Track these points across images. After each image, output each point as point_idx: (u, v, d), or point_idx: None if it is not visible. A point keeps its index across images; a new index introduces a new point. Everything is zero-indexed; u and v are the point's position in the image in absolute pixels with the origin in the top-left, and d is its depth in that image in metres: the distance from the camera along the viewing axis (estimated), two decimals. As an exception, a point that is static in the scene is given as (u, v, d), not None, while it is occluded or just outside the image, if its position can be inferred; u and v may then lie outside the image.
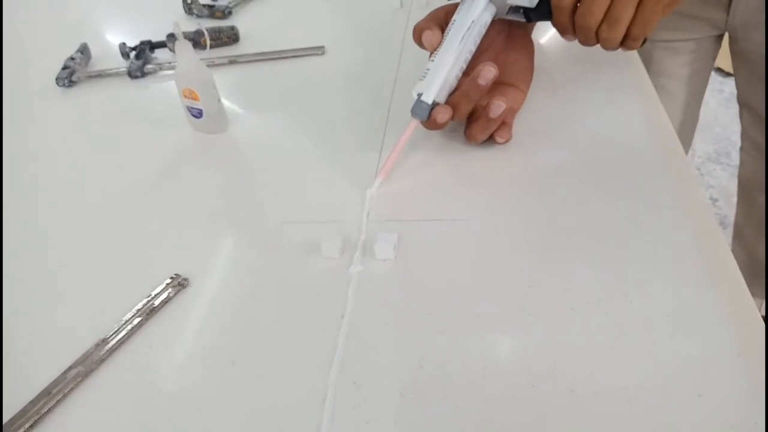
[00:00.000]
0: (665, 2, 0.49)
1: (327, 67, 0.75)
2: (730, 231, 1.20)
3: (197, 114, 0.62)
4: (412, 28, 0.56)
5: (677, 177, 0.50)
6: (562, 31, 0.55)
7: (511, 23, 0.59)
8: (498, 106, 0.53)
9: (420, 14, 0.83)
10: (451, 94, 0.55)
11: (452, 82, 0.54)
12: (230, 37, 0.82)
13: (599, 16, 0.50)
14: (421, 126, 0.55)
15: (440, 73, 0.53)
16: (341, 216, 0.51)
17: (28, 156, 0.66)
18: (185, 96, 0.62)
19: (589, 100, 0.61)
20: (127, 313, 0.44)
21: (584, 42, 0.54)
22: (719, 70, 1.91)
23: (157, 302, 0.45)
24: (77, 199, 0.59)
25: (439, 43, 0.54)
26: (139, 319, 0.43)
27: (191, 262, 0.48)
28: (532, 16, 0.55)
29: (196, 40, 0.80)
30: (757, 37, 0.83)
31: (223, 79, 0.74)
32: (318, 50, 0.77)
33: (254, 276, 0.47)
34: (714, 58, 0.96)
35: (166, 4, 0.95)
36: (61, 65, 0.79)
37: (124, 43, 0.82)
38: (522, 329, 0.40)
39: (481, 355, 0.39)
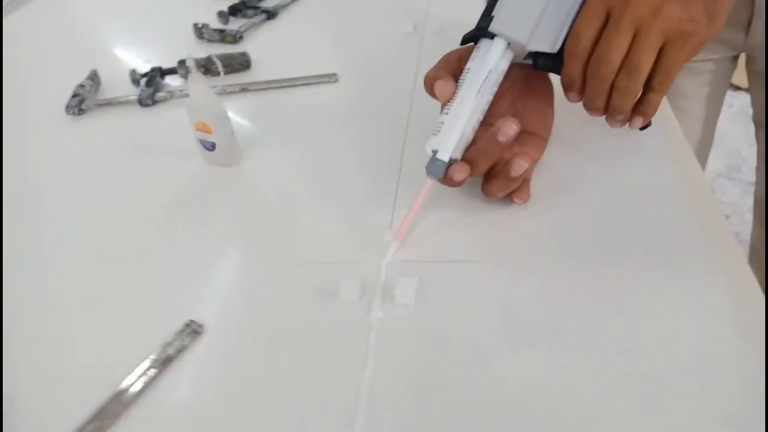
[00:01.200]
0: (689, 49, 0.45)
1: (340, 96, 0.74)
2: (742, 248, 1.18)
3: (210, 147, 0.61)
4: (424, 76, 0.53)
5: (706, 221, 0.49)
6: (568, 86, 0.49)
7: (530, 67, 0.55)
8: (520, 166, 0.49)
9: (433, 38, 0.83)
10: (468, 147, 0.51)
11: (469, 136, 0.51)
12: (242, 63, 0.81)
13: (616, 63, 0.45)
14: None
15: (456, 128, 0.49)
16: (359, 256, 0.50)
17: (36, 188, 0.65)
18: (198, 129, 0.61)
19: (611, 141, 0.59)
20: (142, 363, 0.43)
21: (593, 99, 0.48)
22: (729, 84, 1.89)
23: (172, 351, 0.43)
24: (86, 236, 0.57)
25: (453, 94, 0.50)
26: (155, 371, 0.42)
27: (205, 307, 0.47)
28: (542, 63, 0.51)
29: (207, 67, 0.79)
30: (776, 57, 0.82)
31: (235, 108, 0.74)
32: (331, 78, 0.76)
33: (270, 322, 0.46)
34: (730, 77, 0.95)
35: (177, 28, 0.94)
36: (70, 92, 0.78)
37: (134, 70, 0.81)
38: (551, 384, 0.39)
39: (510, 413, 0.38)
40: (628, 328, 0.41)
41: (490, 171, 0.52)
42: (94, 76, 0.82)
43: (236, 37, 0.89)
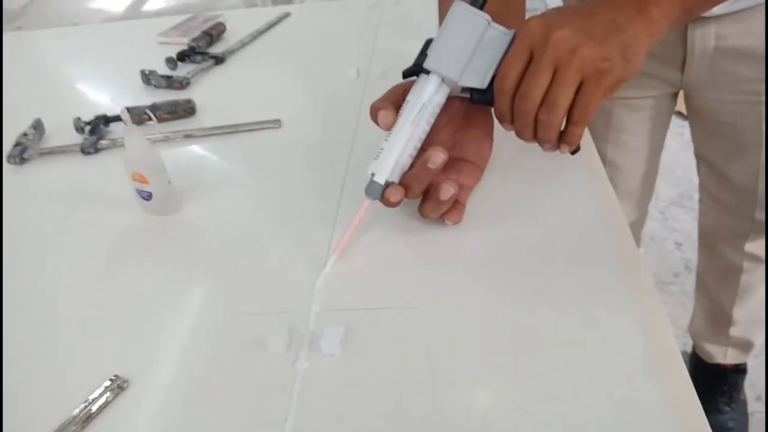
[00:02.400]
0: (606, 86, 0.49)
1: (282, 141, 0.74)
2: (695, 276, 1.21)
3: (147, 197, 0.62)
4: (370, 106, 0.56)
5: (625, 264, 0.50)
6: (501, 118, 0.54)
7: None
8: (447, 191, 0.52)
9: (376, 84, 0.84)
10: (406, 173, 0.55)
11: (405, 162, 0.55)
12: (186, 110, 0.81)
13: (537, 100, 0.49)
14: (377, 203, 0.55)
15: (392, 154, 0.54)
16: (290, 306, 0.50)
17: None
18: (134, 179, 0.61)
19: (542, 181, 0.61)
20: (63, 421, 0.42)
21: (521, 131, 0.53)
22: (679, 113, 1.95)
23: (94, 408, 0.43)
24: (18, 287, 0.57)
25: (393, 123, 0.55)
26: (74, 428, 0.42)
27: (132, 361, 0.47)
28: (477, 97, 0.54)
29: (151, 114, 0.80)
30: (710, 95, 0.86)
31: (178, 155, 0.74)
32: (274, 123, 0.77)
33: (196, 376, 0.46)
34: (671, 113, 0.99)
35: (125, 75, 0.95)
36: (13, 141, 0.78)
37: (78, 118, 0.81)
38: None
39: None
40: (550, 373, 0.42)
41: (425, 193, 0.55)
42: (37, 125, 0.82)
43: (183, 83, 0.89)
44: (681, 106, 0.98)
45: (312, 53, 0.98)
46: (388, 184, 0.54)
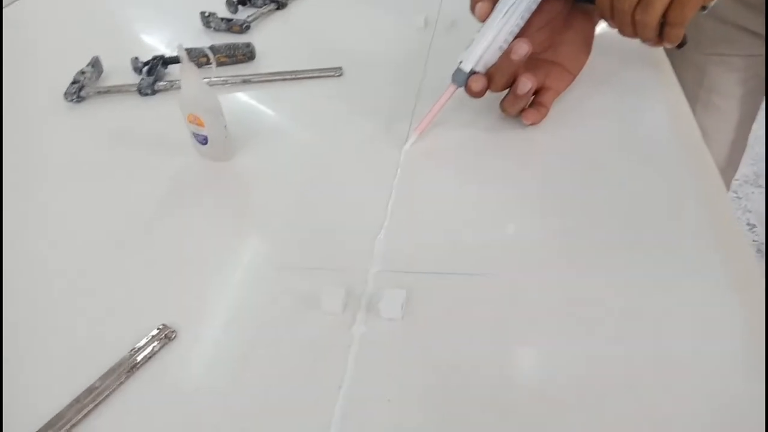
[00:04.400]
0: None
1: (343, 90, 0.71)
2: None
3: (202, 141, 0.59)
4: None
5: (722, 233, 0.45)
6: (602, 16, 0.55)
7: (574, 4, 0.59)
8: (524, 84, 0.54)
9: (445, 34, 0.79)
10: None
11: (494, 54, 0.55)
12: (245, 54, 0.78)
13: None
14: (460, 94, 0.57)
15: (481, 44, 0.55)
16: (347, 263, 0.47)
17: (30, 174, 0.63)
18: (190, 121, 0.58)
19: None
20: (107, 370, 0.40)
21: (621, 29, 0.53)
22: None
23: (139, 357, 0.41)
24: (67, 231, 0.55)
25: (488, 15, 0.55)
26: (119, 376, 0.40)
27: (181, 310, 0.45)
28: None
29: (210, 55, 0.77)
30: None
31: (235, 100, 0.71)
32: (335, 71, 0.73)
33: (246, 331, 0.43)
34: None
35: (185, 16, 0.92)
36: (71, 79, 0.76)
37: (136, 58, 0.79)
38: (542, 413, 0.36)
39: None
40: (629, 354, 0.38)
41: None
42: (95, 63, 0.80)
43: (243, 27, 0.86)
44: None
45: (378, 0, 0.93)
46: (473, 73, 0.55)
